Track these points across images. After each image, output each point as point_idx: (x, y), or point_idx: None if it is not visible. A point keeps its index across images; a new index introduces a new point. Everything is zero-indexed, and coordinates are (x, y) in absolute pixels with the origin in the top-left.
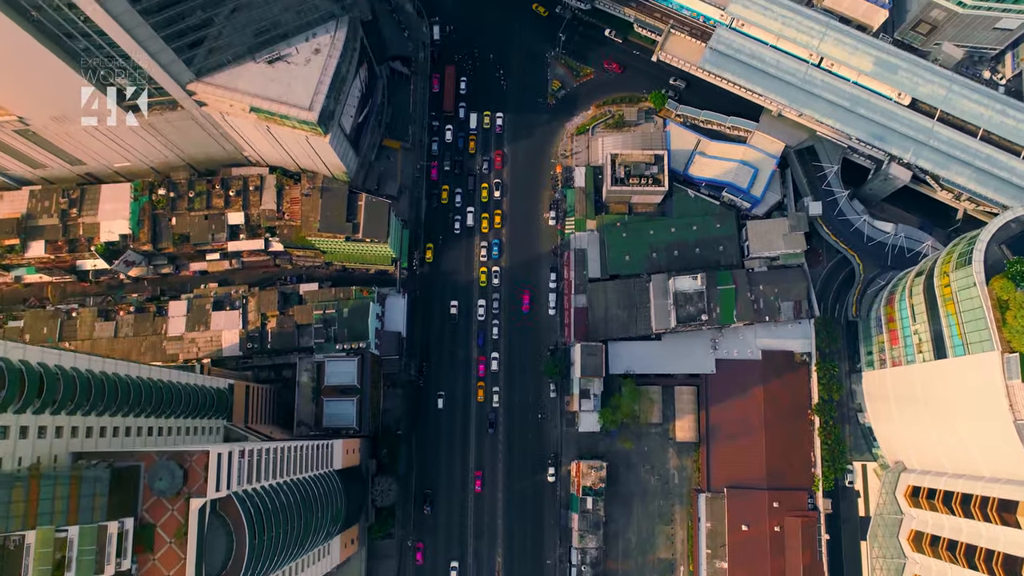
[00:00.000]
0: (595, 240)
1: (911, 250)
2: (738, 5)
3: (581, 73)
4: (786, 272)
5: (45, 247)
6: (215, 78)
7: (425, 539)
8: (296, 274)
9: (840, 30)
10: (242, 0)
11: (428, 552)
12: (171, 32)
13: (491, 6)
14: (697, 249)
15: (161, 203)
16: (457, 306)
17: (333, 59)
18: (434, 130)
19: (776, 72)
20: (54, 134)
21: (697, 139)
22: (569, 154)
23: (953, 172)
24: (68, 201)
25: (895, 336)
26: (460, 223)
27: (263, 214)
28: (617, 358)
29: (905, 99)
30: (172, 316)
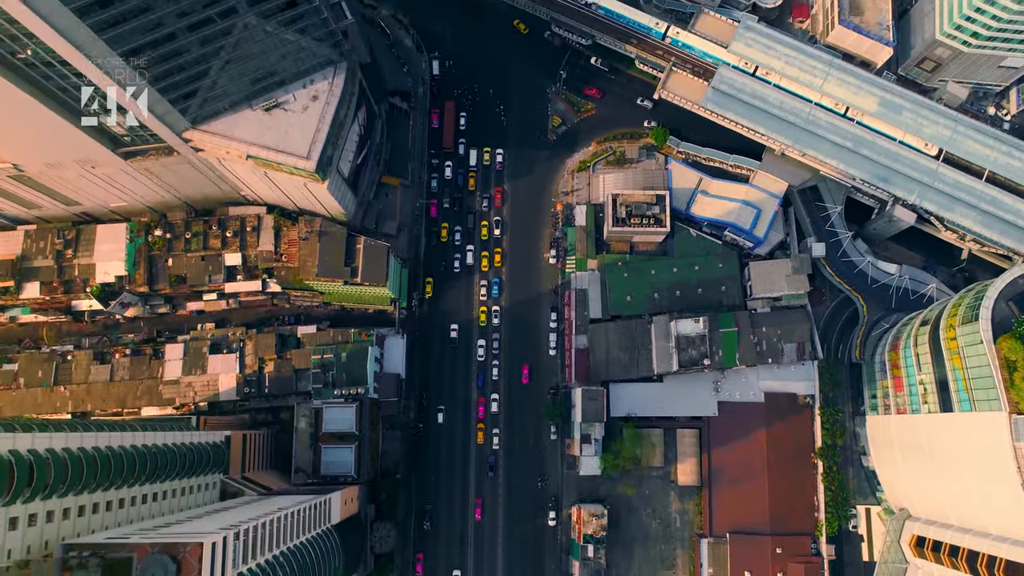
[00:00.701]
0: (596, 280)
1: (915, 292)
2: (741, 44)
3: (582, 108)
4: (789, 313)
5: (40, 288)
6: (211, 126)
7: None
8: (294, 313)
9: (843, 69)
10: (237, 52)
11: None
12: (166, 85)
13: (491, 40)
14: (699, 289)
15: (157, 244)
16: (457, 330)
17: (331, 106)
18: (433, 166)
19: (779, 112)
20: (49, 179)
21: (699, 177)
22: (570, 191)
23: (958, 214)
24: (63, 242)
25: (900, 383)
26: (460, 261)
27: (260, 255)
28: (618, 400)
29: (932, 150)
30: (168, 359)
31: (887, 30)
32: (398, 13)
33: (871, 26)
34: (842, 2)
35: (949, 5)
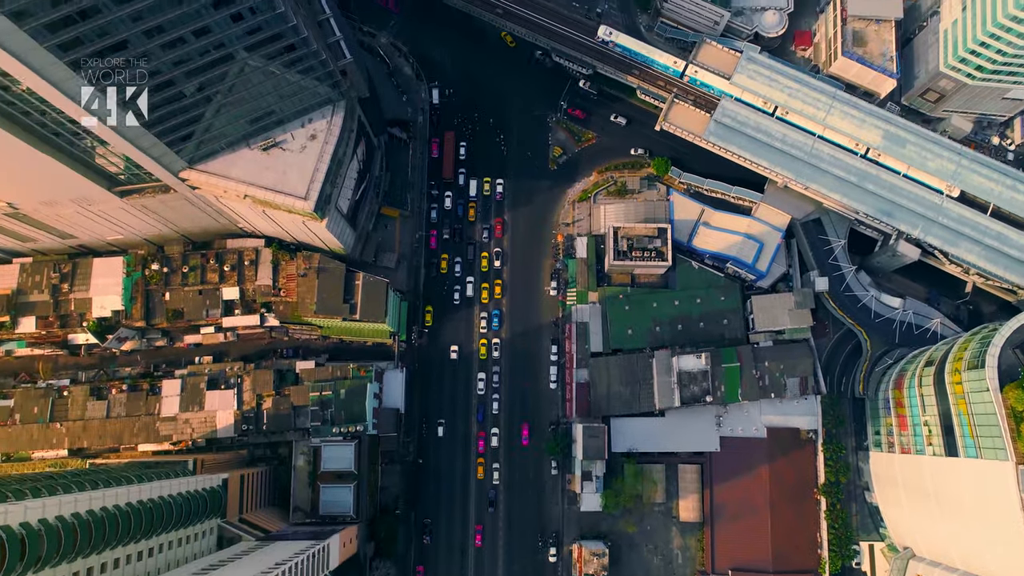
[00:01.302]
0: (597, 313)
1: (919, 327)
2: (743, 76)
3: (583, 138)
4: (792, 348)
5: (36, 323)
6: (209, 165)
7: None
8: (293, 346)
9: (847, 102)
10: (234, 95)
11: None
12: (162, 129)
13: (491, 68)
14: (701, 323)
15: (154, 279)
16: (457, 351)
17: (329, 145)
18: (433, 197)
19: (782, 146)
20: (44, 215)
21: (701, 209)
22: (571, 222)
23: (962, 250)
24: (59, 276)
25: (904, 422)
26: (460, 293)
27: (259, 290)
28: (620, 435)
29: (954, 191)
30: (165, 395)
31: (891, 61)
32: (397, 41)
33: (874, 57)
34: (845, 33)
35: (953, 38)
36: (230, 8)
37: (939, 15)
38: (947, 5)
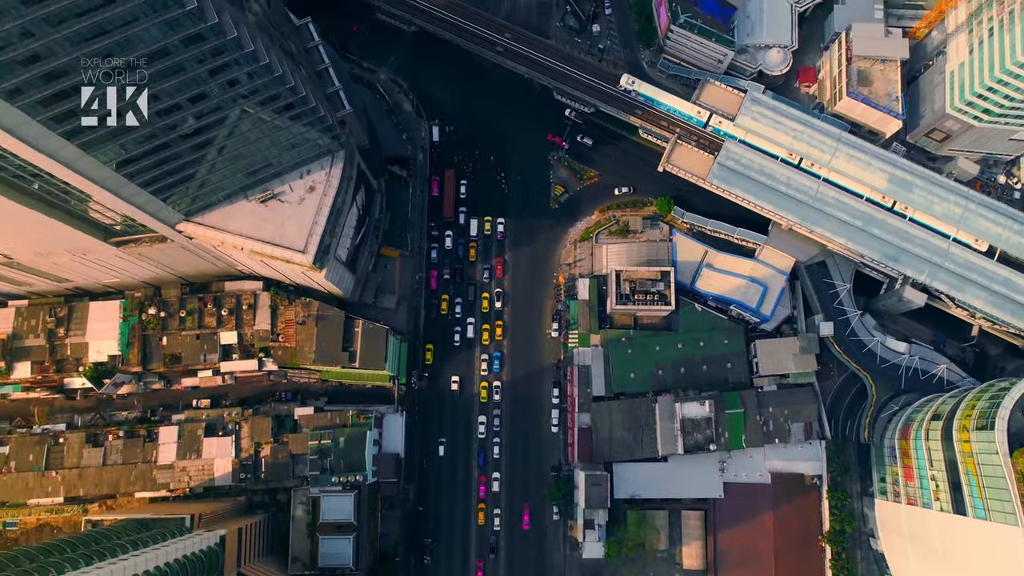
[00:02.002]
0: (599, 356)
1: (925, 372)
2: (747, 118)
3: (585, 176)
4: (796, 392)
5: (31, 368)
6: (205, 218)
7: None
8: (291, 389)
9: (852, 144)
10: (231, 152)
11: None
12: (158, 186)
13: (492, 105)
14: (704, 366)
15: (151, 323)
16: (459, 381)
17: (328, 197)
18: (433, 236)
19: (787, 189)
20: (39, 264)
21: (704, 250)
22: (572, 262)
23: (969, 295)
24: (55, 320)
25: (910, 473)
26: (460, 335)
27: (257, 334)
28: (622, 480)
29: (982, 245)
30: (163, 443)
31: (896, 101)
32: (397, 77)
33: (880, 97)
34: (850, 72)
35: (960, 81)
36: (227, 75)
37: (945, 55)
38: (953, 47)
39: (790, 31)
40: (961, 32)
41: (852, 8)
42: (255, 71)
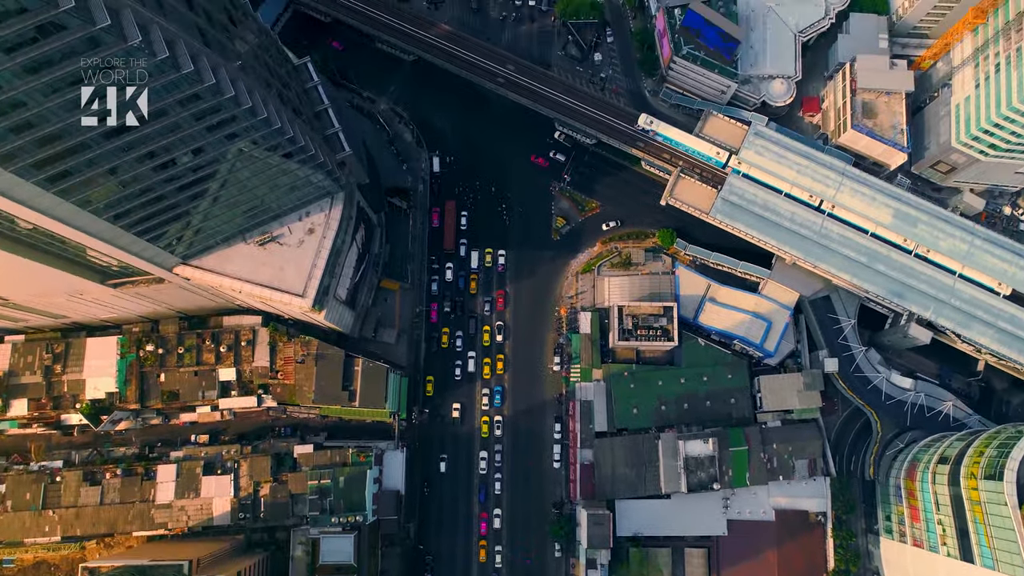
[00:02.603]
0: (601, 391)
1: (931, 409)
2: (751, 152)
3: (586, 207)
4: (801, 428)
5: (28, 405)
6: (203, 261)
7: None
8: (290, 424)
9: (857, 178)
10: (227, 199)
11: None
12: (155, 234)
13: (493, 135)
14: (708, 402)
15: (149, 360)
16: (460, 409)
17: (328, 240)
18: (434, 269)
19: (790, 225)
20: (36, 303)
21: (707, 284)
22: (574, 294)
23: (975, 332)
24: (52, 357)
25: (916, 514)
26: (461, 368)
27: (256, 371)
28: (625, 517)
29: (1005, 290)
30: (161, 481)
31: (901, 134)
32: (397, 107)
33: (885, 130)
34: (855, 104)
35: (966, 115)
36: (225, 130)
37: (951, 88)
38: (959, 80)
39: (794, 61)
40: (967, 66)
41: (856, 37)
42: (254, 125)
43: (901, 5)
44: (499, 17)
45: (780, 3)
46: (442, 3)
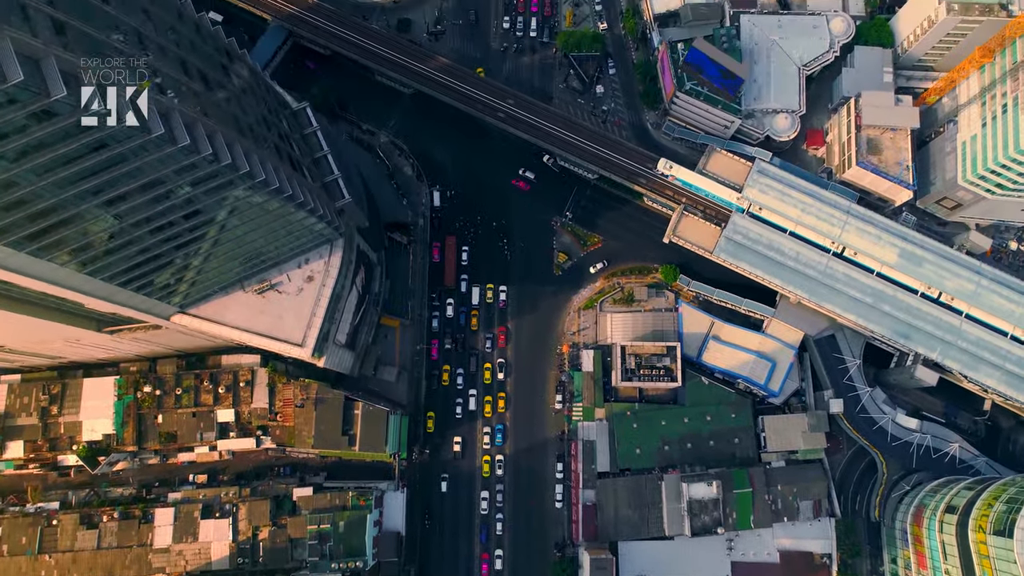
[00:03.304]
0: (604, 430)
1: (938, 450)
2: (755, 190)
3: (588, 242)
4: (805, 469)
5: (24, 447)
6: (201, 310)
7: None
8: (289, 464)
9: (862, 217)
10: (224, 252)
11: None
12: (152, 289)
13: (494, 168)
14: (711, 442)
15: (146, 402)
16: (461, 442)
17: (327, 287)
18: (434, 305)
19: (795, 264)
20: (33, 348)
21: (711, 322)
22: (576, 330)
23: (982, 374)
24: (48, 398)
25: (923, 561)
26: (462, 407)
27: (254, 412)
28: (628, 560)
29: (1019, 332)
30: (158, 525)
31: (907, 171)
32: (397, 139)
33: (890, 166)
34: (859, 140)
35: (973, 154)
36: (223, 193)
37: (956, 124)
38: (965, 117)
39: (798, 95)
40: (973, 104)
41: (861, 70)
42: (254, 185)
43: (906, 38)
44: (500, 48)
45: (784, 37)
46: (442, 35)
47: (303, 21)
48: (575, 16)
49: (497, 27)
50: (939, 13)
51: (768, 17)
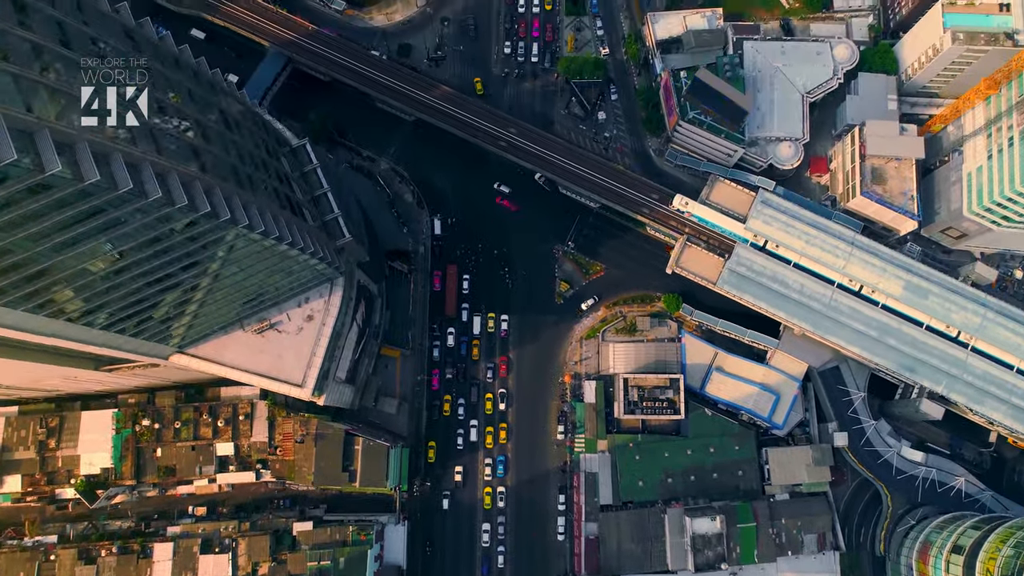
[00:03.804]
0: (606, 463)
1: (943, 484)
2: (759, 221)
3: (591, 270)
4: (810, 502)
5: (22, 481)
6: (199, 349)
7: None
8: (289, 496)
9: (867, 249)
10: (222, 295)
11: None
12: (149, 334)
13: (495, 197)
14: (715, 474)
15: (145, 435)
16: (462, 471)
17: (328, 326)
18: (435, 334)
19: (799, 297)
20: (30, 385)
21: (714, 352)
22: (578, 360)
23: (988, 408)
24: (46, 431)
25: None
26: (463, 438)
27: (254, 446)
28: None
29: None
30: (157, 560)
31: (912, 201)
32: (398, 166)
33: (895, 196)
34: (864, 170)
35: (979, 186)
36: (222, 246)
37: (962, 154)
38: (971, 148)
39: (801, 123)
40: (979, 135)
41: (865, 97)
42: (252, 236)
43: (911, 65)
44: (501, 74)
45: (787, 63)
46: (443, 60)
47: (302, 48)
48: (577, 41)
49: (498, 53)
50: (944, 42)
51: (771, 44)
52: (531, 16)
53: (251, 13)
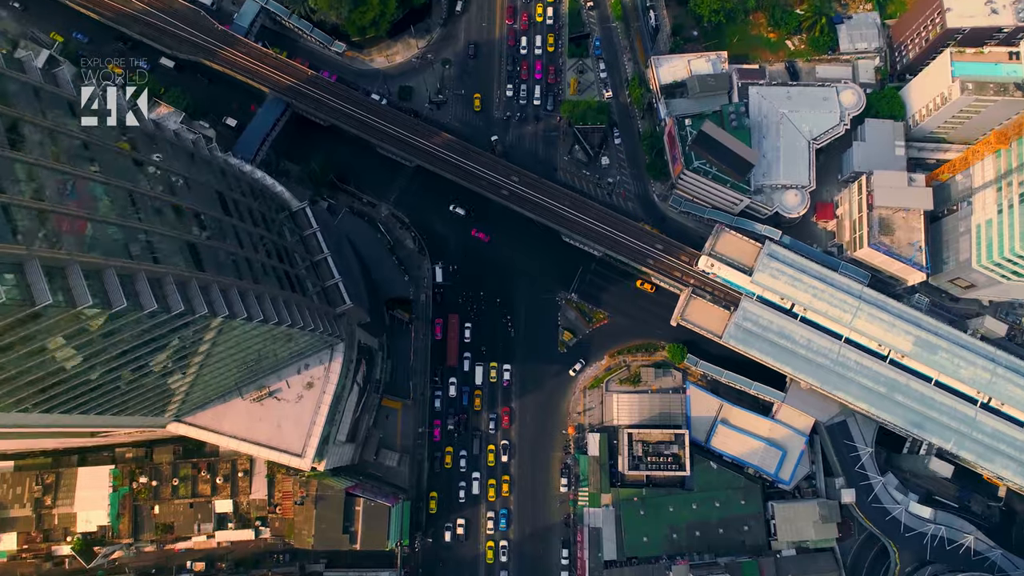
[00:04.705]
0: (610, 517)
1: (952, 541)
2: (765, 275)
3: (594, 319)
4: (816, 559)
5: (17, 539)
6: (197, 418)
7: None
8: (288, 551)
9: (874, 303)
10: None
11: None
12: (146, 410)
13: (497, 242)
14: (720, 529)
15: (143, 493)
16: (464, 524)
17: (328, 394)
18: (436, 384)
19: (806, 352)
20: (25, 447)
21: (719, 404)
22: (582, 411)
23: (998, 466)
24: (42, 488)
25: None
26: (465, 490)
27: (253, 503)
28: None
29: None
30: None
31: (920, 252)
32: (399, 211)
33: (903, 247)
34: (871, 220)
35: (988, 239)
36: (222, 337)
37: (971, 205)
38: (980, 200)
39: (807, 171)
40: (989, 188)
41: (872, 144)
42: (250, 324)
43: (918, 111)
44: (503, 117)
45: (793, 109)
46: (444, 104)
47: (301, 93)
48: (579, 83)
49: (500, 95)
50: (953, 91)
51: (777, 89)
52: (533, 58)
53: (250, 58)
